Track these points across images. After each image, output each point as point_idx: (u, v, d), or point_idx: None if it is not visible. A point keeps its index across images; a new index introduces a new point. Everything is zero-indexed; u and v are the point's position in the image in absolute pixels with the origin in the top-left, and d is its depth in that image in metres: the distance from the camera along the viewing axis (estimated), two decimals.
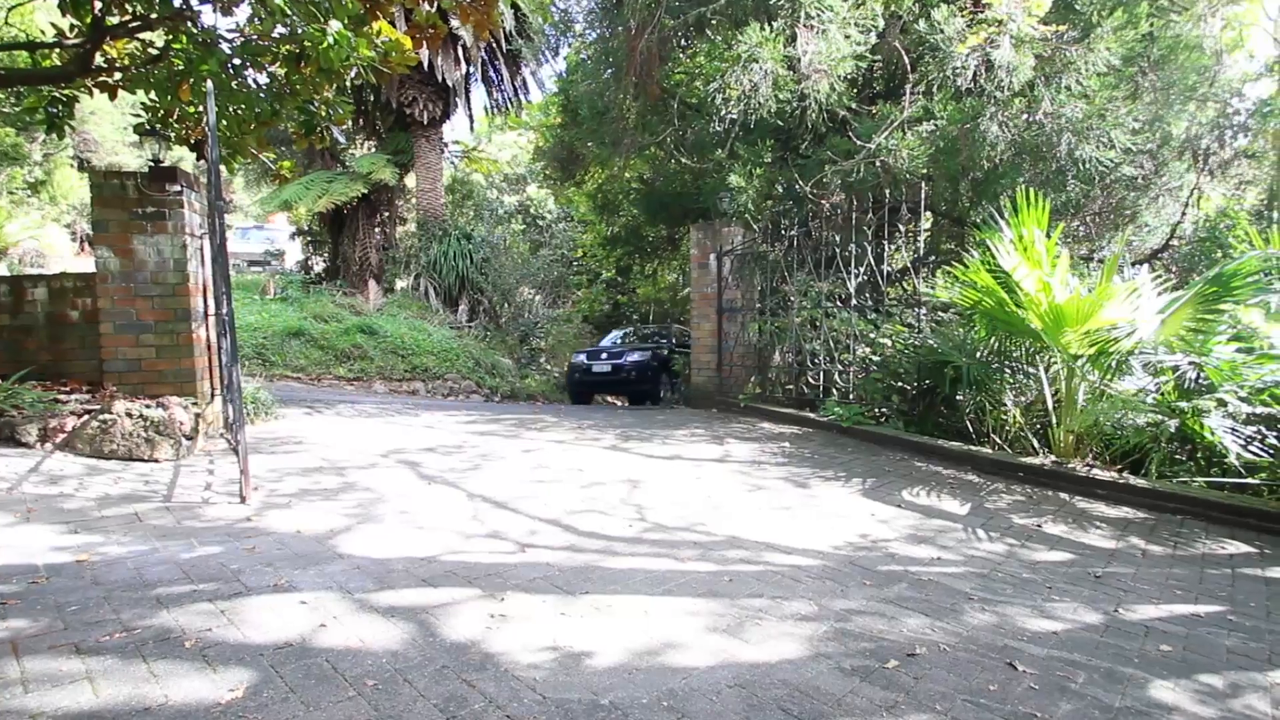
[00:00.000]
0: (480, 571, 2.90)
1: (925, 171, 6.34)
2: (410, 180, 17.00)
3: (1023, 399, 5.47)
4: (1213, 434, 4.25)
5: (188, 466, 4.54)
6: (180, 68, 4.49)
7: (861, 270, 6.80)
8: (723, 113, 6.89)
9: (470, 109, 16.29)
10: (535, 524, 3.65)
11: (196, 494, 3.97)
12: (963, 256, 5.65)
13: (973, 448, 5.41)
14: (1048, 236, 4.77)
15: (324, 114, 4.96)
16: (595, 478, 4.76)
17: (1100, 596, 2.98)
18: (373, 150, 16.54)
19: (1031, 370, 5.21)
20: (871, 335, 6.88)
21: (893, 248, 6.78)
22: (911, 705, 2.07)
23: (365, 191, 14.62)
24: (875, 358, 6.76)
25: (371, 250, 15.61)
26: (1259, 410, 4.16)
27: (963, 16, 6.25)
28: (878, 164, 6.53)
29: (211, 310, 5.39)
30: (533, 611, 2.54)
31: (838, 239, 7.04)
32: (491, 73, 16.27)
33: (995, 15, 6.01)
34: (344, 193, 14.07)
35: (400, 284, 15.81)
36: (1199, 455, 4.71)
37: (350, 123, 16.26)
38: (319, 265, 17.90)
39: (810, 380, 7.31)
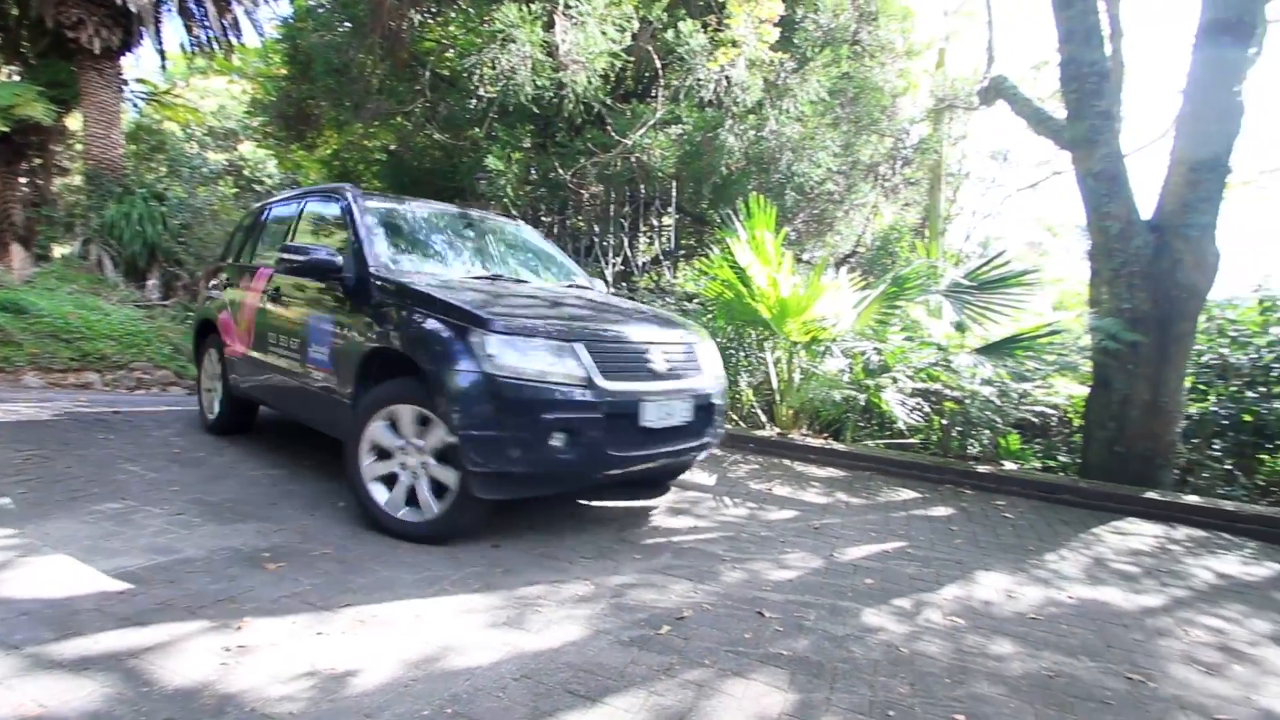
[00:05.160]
0: (207, 598, 2.42)
1: (674, 171, 6.85)
2: (74, 122, 13.48)
3: (754, 380, 6.23)
4: (887, 405, 5.29)
5: None
6: None
7: (618, 260, 7.12)
8: (479, 91, 6.65)
9: (161, 43, 13.44)
10: None
11: None
12: (704, 252, 6.24)
13: None
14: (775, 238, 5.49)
15: None
16: None
17: (820, 544, 3.52)
18: (16, 79, 12.77)
19: (761, 355, 5.96)
20: None
21: (646, 240, 7.22)
22: (685, 664, 2.23)
23: (4, 130, 11.24)
24: None
25: (14, 205, 12.09)
26: (919, 386, 5.29)
27: (706, 34, 6.86)
28: (633, 160, 6.87)
29: None
30: (280, 636, 2.20)
31: (596, 229, 7.27)
32: (191, 3, 13.60)
33: (733, 36, 6.71)
34: None
35: (61, 250, 12.52)
36: (879, 422, 5.83)
37: None
38: None
39: None
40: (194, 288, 12.05)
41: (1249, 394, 5.29)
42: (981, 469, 4.93)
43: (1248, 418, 5.16)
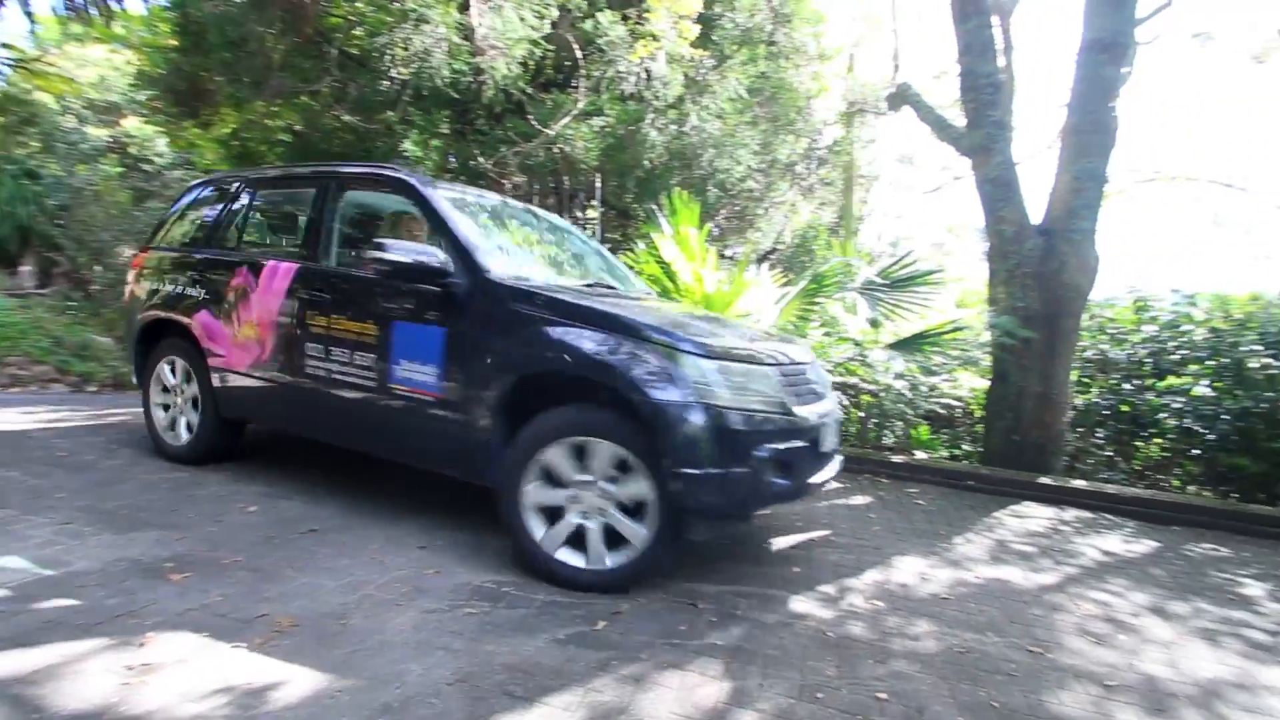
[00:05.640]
0: (103, 613, 2.22)
1: (598, 163, 6.81)
2: None
3: None
4: None
5: None
6: None
7: None
8: (392, 72, 6.37)
9: (28, 5, 12.09)
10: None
11: None
12: (630, 246, 6.25)
13: None
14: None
15: None
16: None
17: (750, 536, 3.60)
18: None
19: None
20: None
21: None
22: (622, 658, 2.23)
23: None
24: None
25: None
26: (838, 380, 5.51)
27: (626, 26, 6.85)
28: (556, 150, 6.79)
29: None
30: (188, 651, 2.04)
31: None
32: None
33: (653, 29, 6.74)
34: None
35: None
36: None
37: None
38: None
39: None
40: (77, 276, 10.98)
41: (1125, 386, 5.83)
42: (896, 459, 5.21)
43: (1125, 408, 5.69)
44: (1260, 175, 29.64)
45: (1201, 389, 5.39)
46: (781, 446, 2.67)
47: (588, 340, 2.68)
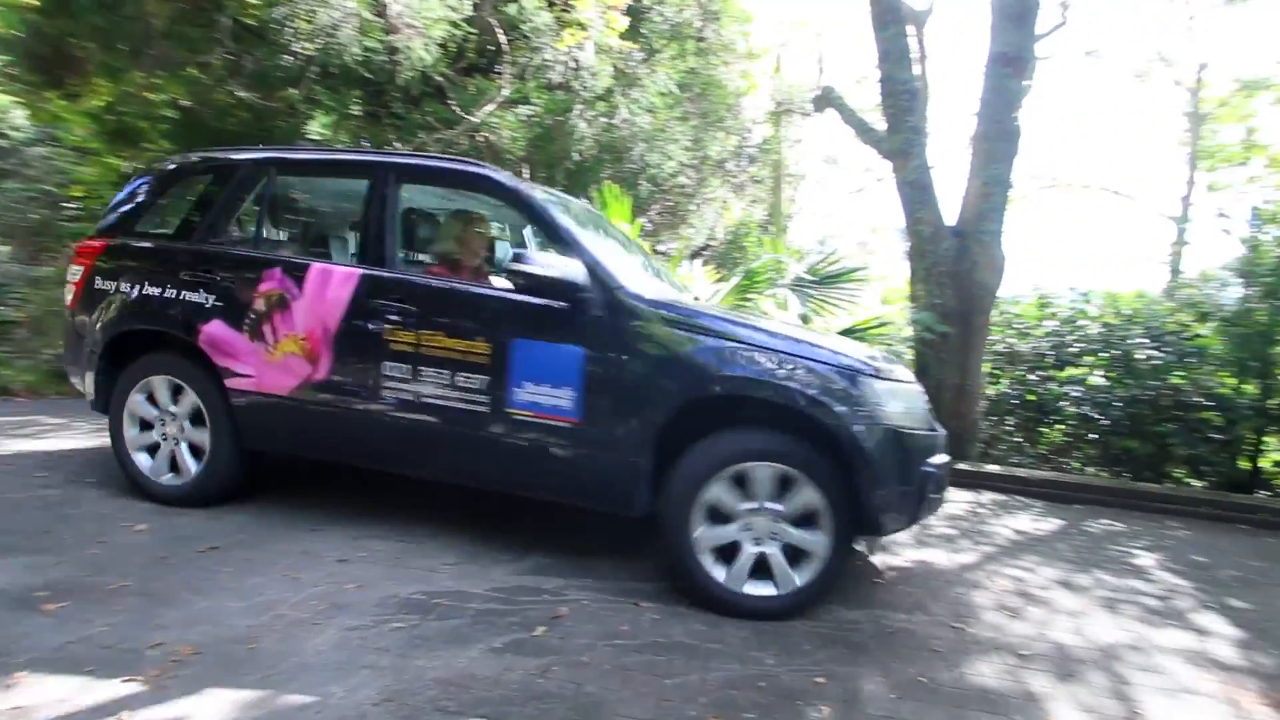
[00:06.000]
0: None
1: (525, 154, 6.63)
2: None
3: None
4: None
5: None
6: None
7: None
8: (294, 46, 5.94)
9: None
10: None
11: None
12: None
13: None
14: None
15: None
16: None
17: None
18: None
19: None
20: None
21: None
22: (562, 663, 2.14)
23: None
24: None
25: None
26: None
27: (553, 13, 6.69)
28: (480, 139, 6.55)
29: None
30: (69, 690, 1.79)
31: None
32: None
33: (580, 18, 6.60)
34: None
35: None
36: None
37: None
38: None
39: None
40: None
41: (1031, 377, 6.24)
42: None
43: (1031, 397, 6.08)
44: (1143, 184, 32.64)
45: (1096, 378, 5.81)
46: (939, 461, 2.72)
47: (764, 361, 2.57)
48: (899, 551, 3.53)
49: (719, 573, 2.59)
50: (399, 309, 2.91)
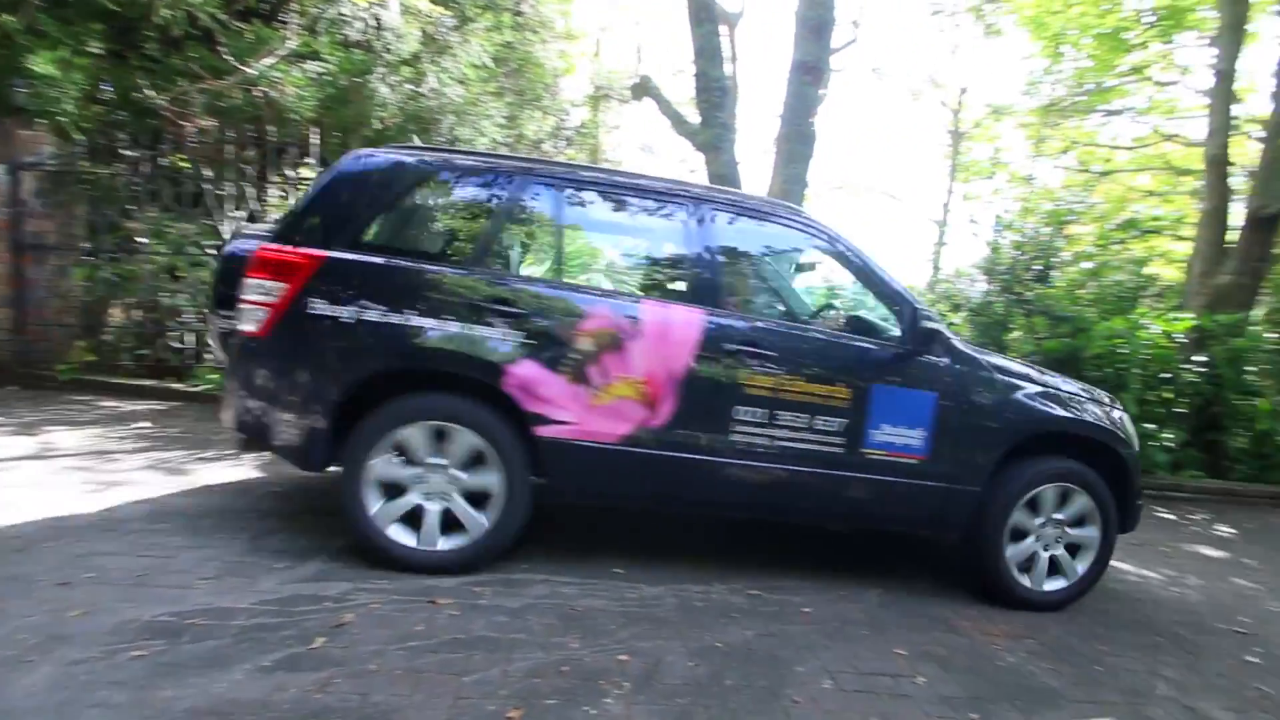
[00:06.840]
0: None
1: (315, 116, 5.95)
2: None
3: None
4: None
5: None
6: None
7: (243, 215, 5.92)
8: None
9: None
10: None
11: None
12: None
13: None
14: None
15: None
16: None
17: None
18: None
19: None
20: None
21: (280, 194, 6.14)
22: (346, 674, 1.97)
23: None
24: None
25: None
26: None
27: None
28: (258, 94, 5.77)
29: None
30: None
31: (209, 173, 5.92)
32: None
33: None
34: None
35: None
36: None
37: None
38: None
39: (173, 344, 5.98)
40: None
41: None
42: None
43: None
44: (913, 190, 37.90)
45: None
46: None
47: (1066, 402, 3.13)
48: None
49: (1023, 579, 3.10)
50: (754, 352, 2.86)
